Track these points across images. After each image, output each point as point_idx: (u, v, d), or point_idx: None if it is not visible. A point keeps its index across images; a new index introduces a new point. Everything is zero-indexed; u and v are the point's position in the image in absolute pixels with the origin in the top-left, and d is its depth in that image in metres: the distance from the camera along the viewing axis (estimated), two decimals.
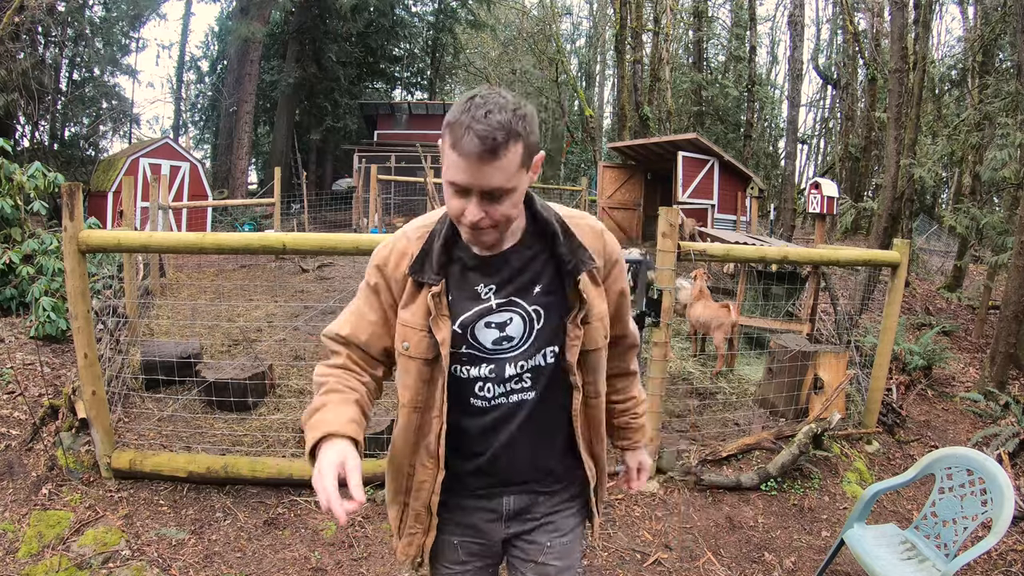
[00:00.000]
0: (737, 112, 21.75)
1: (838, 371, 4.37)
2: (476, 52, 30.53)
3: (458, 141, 1.05)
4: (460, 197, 1.11)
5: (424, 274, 1.21)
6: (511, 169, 1.08)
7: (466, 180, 1.07)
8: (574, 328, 1.25)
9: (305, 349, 5.47)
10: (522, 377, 1.27)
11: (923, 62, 9.85)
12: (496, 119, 1.03)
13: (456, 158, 1.06)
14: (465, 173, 1.07)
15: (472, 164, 1.05)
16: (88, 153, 14.73)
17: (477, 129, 1.03)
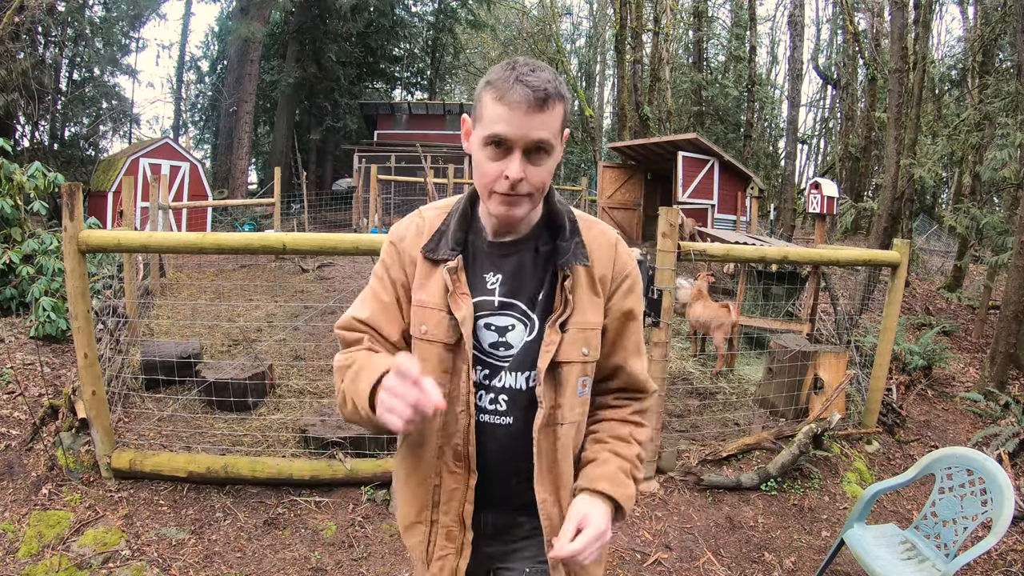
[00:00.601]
0: (737, 112, 21.75)
1: (838, 371, 4.37)
2: (476, 52, 30.54)
3: (505, 93, 1.02)
4: (500, 157, 1.05)
5: (439, 251, 1.15)
6: (555, 126, 1.05)
7: (514, 131, 1.02)
8: (551, 332, 1.12)
9: (305, 349, 5.47)
10: (497, 396, 1.16)
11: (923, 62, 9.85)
12: (544, 76, 1.03)
13: (502, 110, 1.02)
14: (512, 124, 1.02)
15: (520, 114, 1.02)
16: (88, 153, 14.73)
17: (527, 80, 1.01)
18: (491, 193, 1.08)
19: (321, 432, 3.57)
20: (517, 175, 1.04)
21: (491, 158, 1.06)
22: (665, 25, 20.20)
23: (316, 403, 4.20)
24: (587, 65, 32.01)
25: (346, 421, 1.20)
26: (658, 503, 3.44)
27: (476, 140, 1.08)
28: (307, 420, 3.76)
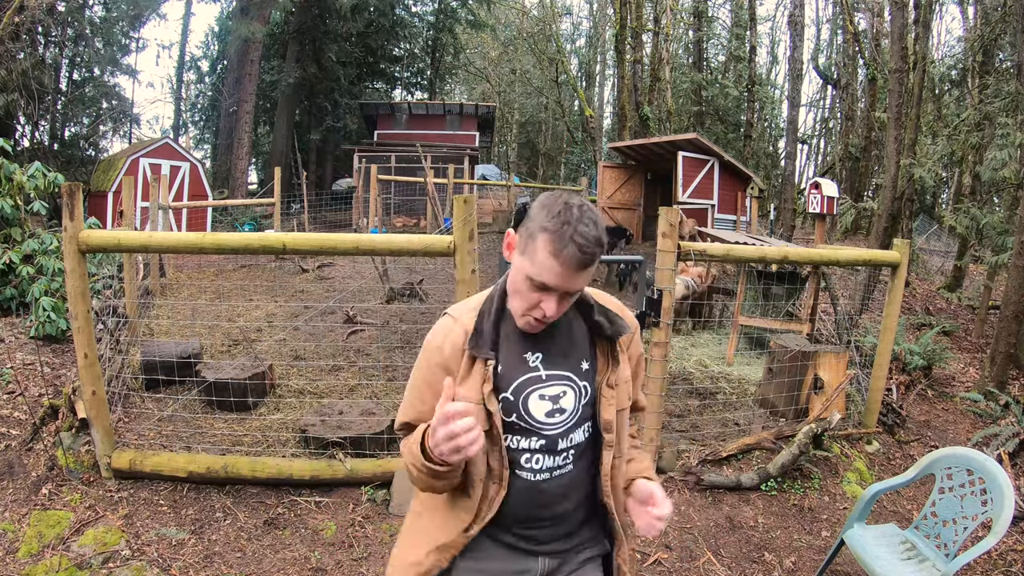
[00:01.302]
0: (737, 112, 21.75)
1: (838, 371, 4.37)
2: (476, 52, 30.55)
3: (560, 251, 1.13)
4: (539, 292, 1.20)
5: (480, 349, 1.27)
6: (588, 277, 1.21)
7: (558, 283, 1.17)
8: (608, 388, 1.33)
9: (305, 349, 5.47)
10: (568, 453, 1.32)
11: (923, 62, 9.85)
12: (594, 234, 1.15)
13: (554, 264, 1.15)
14: (559, 279, 1.16)
15: (568, 273, 1.16)
16: (88, 153, 14.73)
17: (580, 244, 1.13)
18: (523, 315, 1.25)
19: (321, 432, 3.57)
20: (553, 315, 1.21)
21: (532, 290, 1.20)
22: (665, 25, 20.20)
23: (316, 403, 4.20)
24: (587, 65, 32.02)
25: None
26: None
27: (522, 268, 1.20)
28: (307, 420, 3.76)
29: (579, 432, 1.33)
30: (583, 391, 1.32)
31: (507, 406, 1.28)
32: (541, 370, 1.30)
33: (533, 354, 1.31)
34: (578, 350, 1.34)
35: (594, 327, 1.35)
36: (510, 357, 1.30)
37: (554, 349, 1.32)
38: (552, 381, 1.30)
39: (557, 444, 1.30)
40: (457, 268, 3.06)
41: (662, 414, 3.79)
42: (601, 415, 1.33)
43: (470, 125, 20.89)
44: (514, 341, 1.31)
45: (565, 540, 1.37)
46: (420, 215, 15.78)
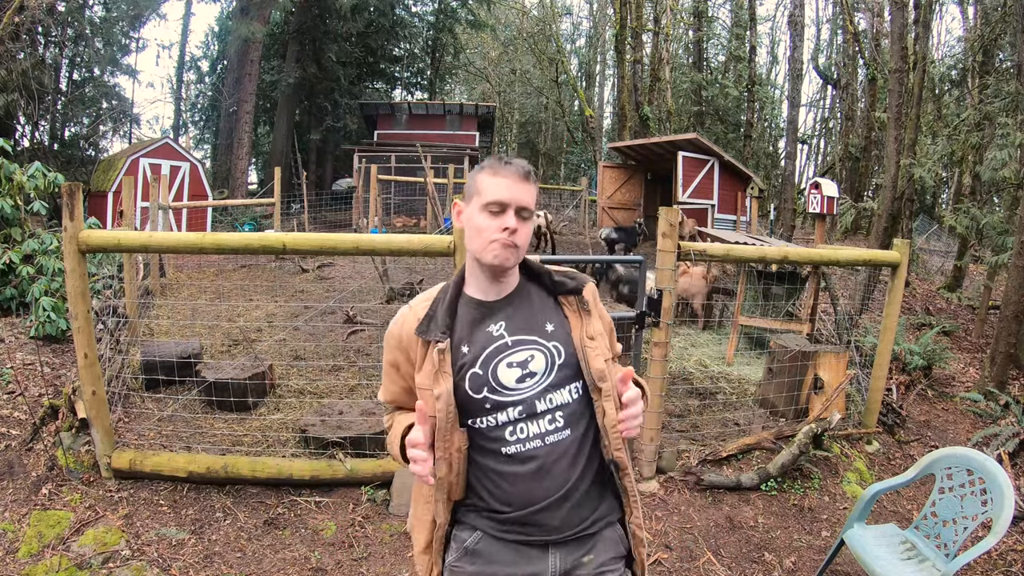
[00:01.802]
0: (737, 112, 21.75)
1: (838, 371, 4.37)
2: (476, 52, 30.53)
3: (499, 170, 1.31)
4: (499, 215, 1.30)
5: (430, 333, 1.33)
6: (534, 196, 1.34)
7: (509, 196, 1.30)
8: (590, 340, 1.36)
9: (305, 349, 5.47)
10: (555, 416, 1.32)
11: (923, 62, 9.85)
12: (522, 162, 1.34)
13: (500, 182, 1.30)
14: (508, 191, 1.30)
15: (512, 184, 1.30)
16: (88, 153, 14.72)
17: (514, 162, 1.32)
18: (490, 243, 1.31)
19: (321, 432, 3.57)
20: (514, 225, 1.30)
21: (490, 217, 1.31)
22: (665, 25, 20.20)
23: (316, 403, 4.20)
24: (587, 65, 32.01)
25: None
26: (658, 503, 3.44)
27: (474, 209, 1.33)
28: (307, 420, 3.76)
29: (562, 393, 1.33)
30: (555, 352, 1.34)
31: (477, 381, 1.30)
32: (506, 337, 1.33)
33: (496, 324, 1.35)
34: (540, 314, 1.38)
35: (556, 286, 1.41)
36: (474, 334, 1.34)
37: (516, 316, 1.36)
38: (518, 347, 1.33)
39: (536, 407, 1.31)
40: (457, 268, 3.06)
41: (662, 414, 3.79)
42: (592, 367, 1.33)
43: (470, 125, 20.88)
44: (476, 319, 1.36)
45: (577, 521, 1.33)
46: (420, 215, 15.78)
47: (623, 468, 1.36)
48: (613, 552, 1.38)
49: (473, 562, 1.34)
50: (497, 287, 1.38)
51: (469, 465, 1.34)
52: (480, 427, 1.32)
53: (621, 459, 1.35)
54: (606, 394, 1.33)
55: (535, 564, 1.32)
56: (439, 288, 1.44)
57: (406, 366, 1.39)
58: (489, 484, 1.32)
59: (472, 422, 1.32)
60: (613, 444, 1.33)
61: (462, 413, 1.32)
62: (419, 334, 1.34)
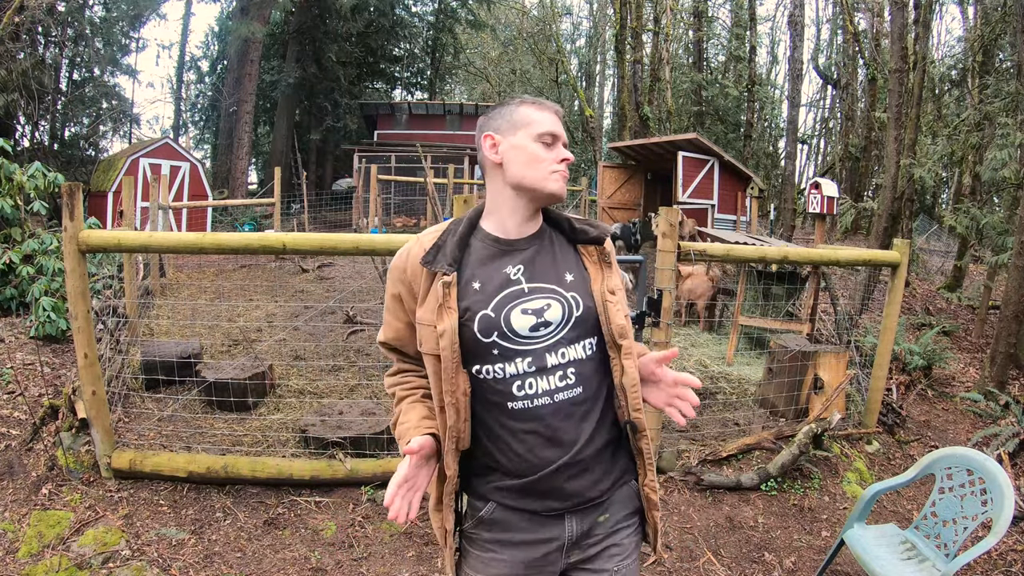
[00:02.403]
0: (737, 112, 21.73)
1: (838, 371, 4.37)
2: (476, 52, 30.51)
3: (544, 104, 1.32)
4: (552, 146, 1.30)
5: (436, 263, 1.25)
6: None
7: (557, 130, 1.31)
8: (610, 295, 1.29)
9: (305, 349, 5.47)
10: (566, 372, 1.24)
11: (923, 62, 9.85)
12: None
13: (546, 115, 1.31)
14: (556, 125, 1.31)
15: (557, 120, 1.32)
16: (88, 153, 14.71)
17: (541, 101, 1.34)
18: (551, 172, 1.29)
19: (321, 432, 3.57)
20: (568, 156, 1.30)
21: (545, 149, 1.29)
22: (665, 25, 20.19)
23: (316, 403, 4.20)
24: (587, 65, 32.00)
25: None
26: None
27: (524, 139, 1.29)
28: (307, 420, 3.76)
29: (576, 348, 1.26)
30: (572, 303, 1.27)
31: (488, 324, 1.22)
32: (523, 283, 1.26)
33: (514, 267, 1.28)
34: (561, 263, 1.31)
35: (579, 234, 1.35)
36: (488, 272, 1.27)
37: (537, 260, 1.29)
38: (535, 294, 1.25)
39: (546, 360, 1.23)
40: None
41: (662, 414, 3.78)
42: (612, 321, 1.27)
43: (470, 125, 20.88)
44: (491, 256, 1.29)
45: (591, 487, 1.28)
46: (420, 215, 15.79)
47: (641, 430, 1.30)
48: (627, 508, 1.35)
49: (490, 529, 1.30)
50: (525, 225, 1.31)
51: (474, 421, 1.26)
52: (486, 378, 1.24)
53: (640, 420, 1.29)
54: (626, 352, 1.27)
55: (552, 529, 1.28)
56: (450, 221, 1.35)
57: (409, 300, 1.31)
58: (497, 443, 1.25)
59: (477, 370, 1.24)
60: (631, 404, 1.28)
61: (467, 356, 1.23)
62: (424, 264, 1.26)
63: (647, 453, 1.34)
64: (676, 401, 1.31)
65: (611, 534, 1.33)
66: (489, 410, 1.25)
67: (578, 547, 1.31)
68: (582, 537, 1.30)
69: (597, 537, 1.31)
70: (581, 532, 1.29)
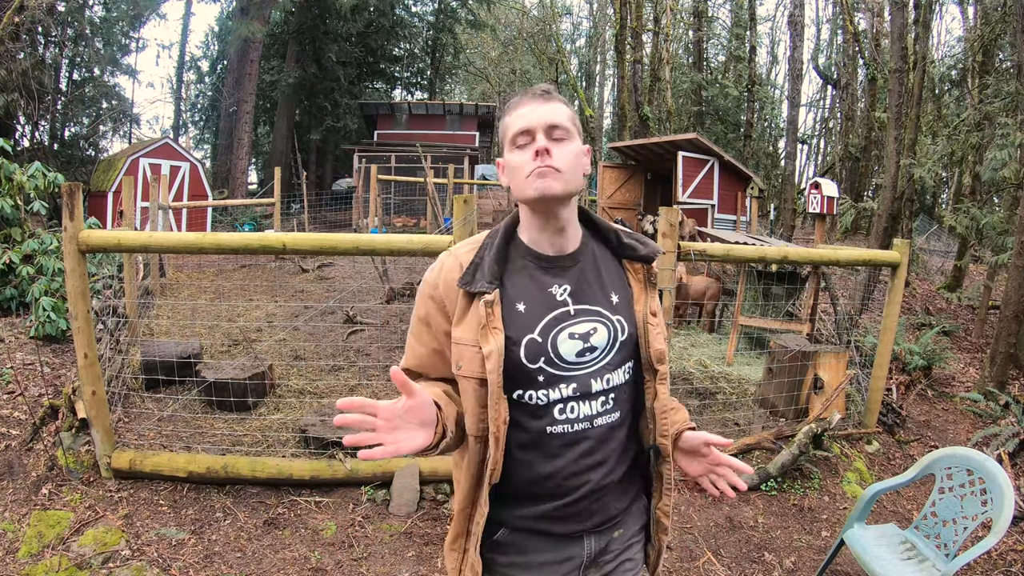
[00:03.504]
0: (737, 112, 21.74)
1: (838, 371, 4.37)
2: (476, 52, 30.52)
3: (517, 103, 1.21)
4: (528, 145, 1.18)
5: (475, 284, 1.17)
6: (563, 113, 1.19)
7: (530, 120, 1.17)
8: (652, 317, 1.25)
9: (305, 349, 5.47)
10: (608, 397, 1.21)
11: (923, 62, 9.85)
12: (544, 85, 1.23)
13: (519, 110, 1.19)
14: (528, 117, 1.18)
15: (532, 107, 1.18)
16: (88, 153, 14.71)
17: (532, 88, 1.22)
18: (527, 176, 1.17)
19: (321, 432, 3.57)
20: (543, 145, 1.15)
21: (521, 152, 1.18)
22: (665, 25, 20.19)
23: (316, 403, 4.20)
24: (587, 65, 32.01)
25: None
26: None
27: (507, 151, 1.21)
28: (307, 420, 3.76)
29: (618, 374, 1.21)
30: (618, 327, 1.21)
31: (535, 349, 1.15)
32: (570, 304, 1.19)
33: (560, 287, 1.20)
34: (607, 282, 1.24)
35: (626, 250, 1.28)
36: (532, 292, 1.19)
37: (583, 280, 1.22)
38: (581, 317, 1.19)
39: (591, 386, 1.18)
40: None
41: None
42: (652, 346, 1.22)
43: (470, 125, 20.89)
44: (535, 274, 1.21)
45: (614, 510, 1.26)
46: (420, 215, 15.79)
47: (665, 455, 1.27)
48: (638, 523, 1.34)
49: (505, 553, 1.25)
50: (556, 238, 1.22)
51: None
52: (527, 403, 1.17)
53: (664, 446, 1.26)
54: (661, 376, 1.24)
55: (571, 549, 1.24)
56: (485, 234, 1.26)
57: (439, 320, 1.22)
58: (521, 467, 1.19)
59: (518, 395, 1.17)
60: (659, 430, 1.25)
61: (507, 383, 1.15)
62: (462, 286, 1.18)
63: (667, 478, 1.30)
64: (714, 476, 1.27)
65: (625, 549, 1.32)
66: (520, 432, 1.18)
67: (595, 564, 1.28)
68: (599, 554, 1.28)
69: (613, 553, 1.29)
70: (599, 550, 1.27)
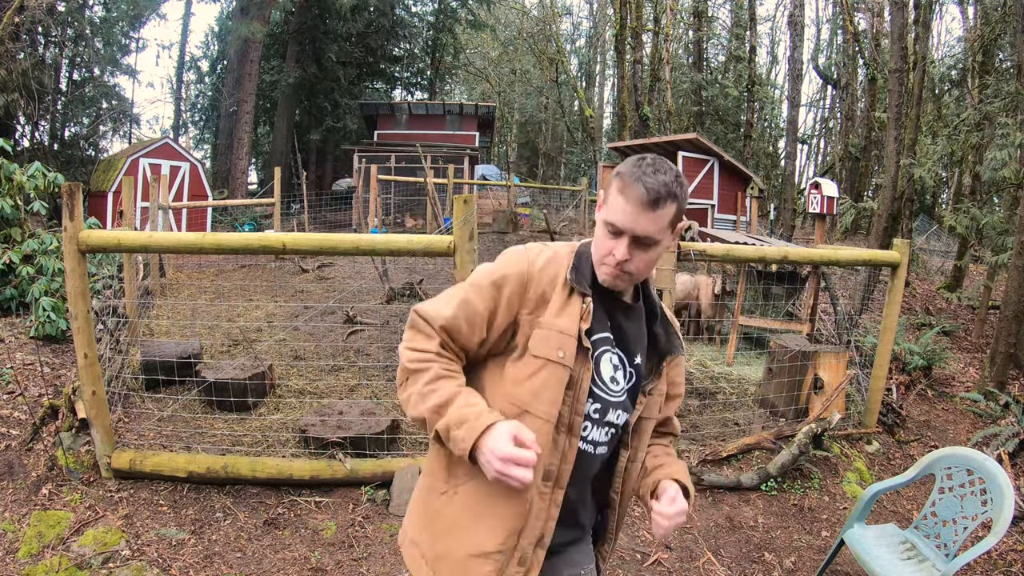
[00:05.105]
0: (737, 112, 21.74)
1: (838, 371, 4.37)
2: (476, 52, 30.52)
3: (627, 188, 1.19)
4: (613, 238, 1.22)
5: (581, 283, 1.26)
6: (663, 223, 1.21)
7: (625, 223, 1.20)
8: (642, 396, 1.35)
9: (305, 349, 5.47)
10: (609, 431, 1.32)
11: (923, 62, 9.85)
12: (662, 179, 1.19)
13: (622, 203, 1.20)
14: (626, 217, 1.20)
15: (634, 211, 1.19)
16: (88, 153, 14.71)
17: (646, 182, 1.18)
18: (602, 263, 1.26)
19: (321, 432, 3.57)
20: (622, 257, 1.21)
21: (607, 237, 1.24)
22: (665, 25, 20.19)
23: (316, 403, 4.20)
24: (587, 65, 32.02)
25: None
26: None
27: (600, 218, 1.26)
28: (307, 420, 3.76)
29: (620, 415, 1.32)
30: (630, 375, 1.33)
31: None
32: (612, 336, 1.31)
33: (606, 320, 1.31)
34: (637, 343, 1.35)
35: (651, 337, 1.38)
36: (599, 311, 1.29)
37: (625, 327, 1.33)
38: (618, 351, 1.31)
39: (607, 414, 1.29)
40: (457, 268, 3.06)
41: None
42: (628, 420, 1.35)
43: (470, 125, 20.89)
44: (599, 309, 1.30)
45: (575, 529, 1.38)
46: (420, 216, 15.79)
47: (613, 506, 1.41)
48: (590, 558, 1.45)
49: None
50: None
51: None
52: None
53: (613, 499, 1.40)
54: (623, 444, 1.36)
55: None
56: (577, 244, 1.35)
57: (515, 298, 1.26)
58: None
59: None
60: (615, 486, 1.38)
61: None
62: (573, 281, 1.25)
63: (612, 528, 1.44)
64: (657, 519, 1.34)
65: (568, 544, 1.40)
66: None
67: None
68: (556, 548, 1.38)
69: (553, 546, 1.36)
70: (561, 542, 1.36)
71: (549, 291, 1.26)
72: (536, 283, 1.26)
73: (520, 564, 1.24)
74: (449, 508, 1.28)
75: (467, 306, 1.26)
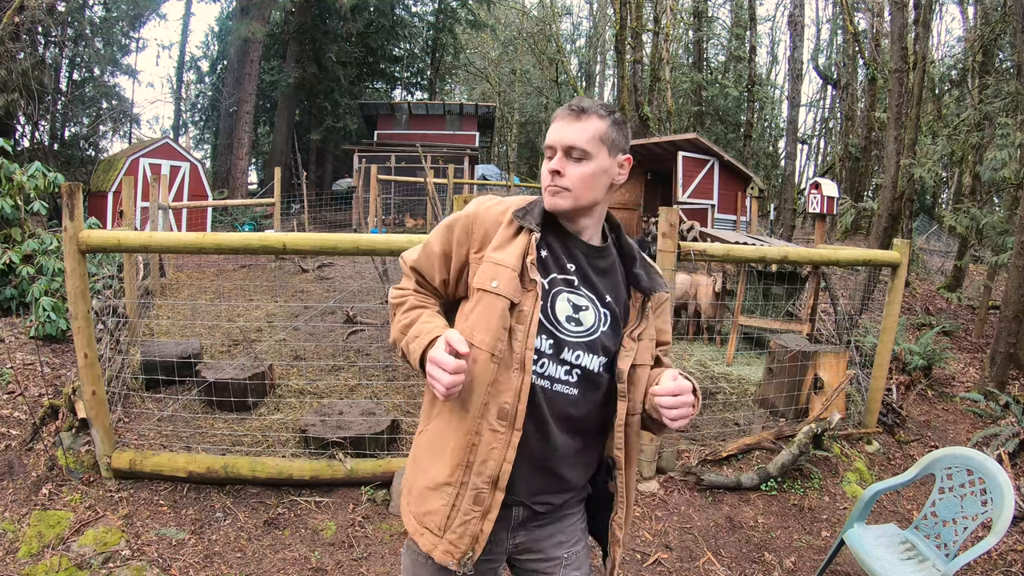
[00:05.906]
0: (737, 112, 21.75)
1: (838, 371, 4.37)
2: (476, 52, 30.51)
3: (556, 113, 1.31)
4: (548, 160, 1.30)
5: (527, 220, 1.29)
6: (589, 135, 1.27)
7: (552, 138, 1.29)
8: (630, 340, 1.33)
9: (305, 349, 5.47)
10: (572, 370, 1.29)
11: (923, 62, 9.84)
12: (587, 101, 1.30)
13: (553, 124, 1.31)
14: (553, 133, 1.29)
15: (559, 125, 1.29)
16: (88, 153, 14.72)
17: (570, 103, 1.30)
18: (544, 188, 1.32)
19: (321, 432, 3.57)
20: (554, 167, 1.28)
21: (547, 161, 1.31)
22: (665, 25, 20.19)
23: (316, 403, 4.20)
24: (587, 65, 32.01)
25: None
26: (658, 503, 3.44)
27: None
28: (307, 420, 3.76)
29: (590, 359, 1.30)
30: (603, 317, 1.32)
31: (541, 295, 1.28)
32: (576, 279, 1.33)
33: (570, 263, 1.33)
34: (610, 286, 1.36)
35: (632, 278, 1.38)
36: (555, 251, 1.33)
37: (590, 270, 1.34)
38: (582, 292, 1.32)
39: (562, 350, 1.28)
40: None
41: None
42: (617, 364, 1.32)
43: (470, 125, 20.89)
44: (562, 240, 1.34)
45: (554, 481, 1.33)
46: (420, 216, 15.80)
47: (619, 466, 1.35)
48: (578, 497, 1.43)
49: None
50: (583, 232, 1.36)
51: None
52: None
53: (619, 458, 1.34)
54: (620, 394, 1.32)
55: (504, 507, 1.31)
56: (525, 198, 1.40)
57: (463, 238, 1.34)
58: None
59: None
60: (616, 442, 1.33)
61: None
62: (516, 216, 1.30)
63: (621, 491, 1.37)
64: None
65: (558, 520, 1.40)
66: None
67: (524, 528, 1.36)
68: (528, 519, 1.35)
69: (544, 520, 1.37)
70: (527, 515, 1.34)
71: (492, 230, 1.32)
72: (480, 223, 1.33)
73: (476, 503, 1.24)
74: (419, 444, 1.37)
75: (427, 247, 1.39)
